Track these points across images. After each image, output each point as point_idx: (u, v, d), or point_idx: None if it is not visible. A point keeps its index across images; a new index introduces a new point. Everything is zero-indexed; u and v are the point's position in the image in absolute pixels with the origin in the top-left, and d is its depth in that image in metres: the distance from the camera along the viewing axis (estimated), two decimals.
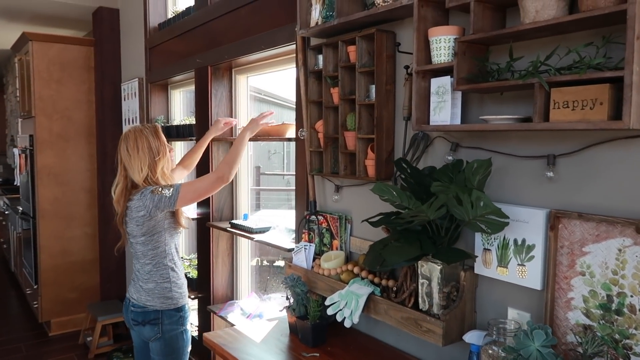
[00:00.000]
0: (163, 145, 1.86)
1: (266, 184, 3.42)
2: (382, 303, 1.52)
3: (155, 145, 1.84)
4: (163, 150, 1.85)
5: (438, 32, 1.34)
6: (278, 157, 3.43)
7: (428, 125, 1.40)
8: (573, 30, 1.16)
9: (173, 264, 1.90)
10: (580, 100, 1.08)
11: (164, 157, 1.86)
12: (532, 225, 1.27)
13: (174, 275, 1.90)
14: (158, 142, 1.85)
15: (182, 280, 1.94)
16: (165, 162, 1.86)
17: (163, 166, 1.85)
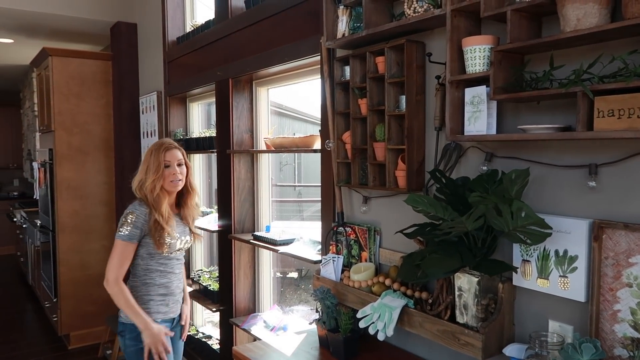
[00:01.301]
0: (157, 163, 1.90)
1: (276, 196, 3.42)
2: (417, 316, 1.49)
3: (151, 162, 1.91)
4: (155, 169, 1.89)
5: (473, 41, 1.33)
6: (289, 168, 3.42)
7: (463, 135, 1.38)
8: (615, 37, 1.15)
9: (149, 280, 1.94)
10: (626, 108, 1.06)
11: (155, 175, 1.89)
12: (575, 236, 1.24)
13: (141, 290, 1.93)
14: (153, 159, 1.91)
15: (150, 297, 1.94)
16: (158, 180, 1.89)
17: (154, 183, 1.88)
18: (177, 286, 2.02)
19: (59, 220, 3.84)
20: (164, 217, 1.90)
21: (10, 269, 6.72)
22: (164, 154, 1.93)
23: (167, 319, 1.99)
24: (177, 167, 1.95)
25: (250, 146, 2.63)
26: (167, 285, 1.97)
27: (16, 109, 7.53)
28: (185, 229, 2.02)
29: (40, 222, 4.54)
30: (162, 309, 1.97)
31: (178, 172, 1.94)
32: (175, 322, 2.05)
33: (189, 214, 2.04)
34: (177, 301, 2.04)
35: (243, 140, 2.61)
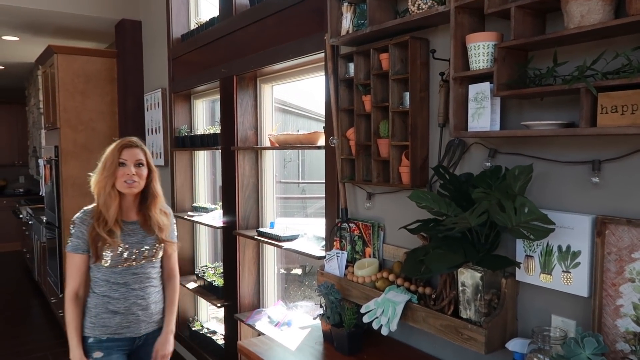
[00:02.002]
0: (111, 160, 1.76)
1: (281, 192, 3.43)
2: (420, 311, 1.51)
3: (107, 158, 1.78)
4: (108, 166, 1.75)
5: (477, 38, 1.34)
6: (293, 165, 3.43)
7: (466, 131, 1.39)
8: (619, 34, 1.15)
9: (97, 291, 1.80)
10: (630, 104, 1.06)
11: (107, 172, 1.75)
12: (578, 232, 1.25)
13: (90, 302, 1.81)
14: (109, 155, 1.78)
15: (98, 310, 1.79)
16: (109, 179, 1.75)
17: (105, 181, 1.75)
18: (138, 303, 1.81)
19: (65, 216, 3.87)
20: (107, 224, 1.74)
21: (17, 265, 6.79)
22: (121, 151, 1.78)
23: (120, 337, 1.80)
24: (135, 167, 1.78)
25: (254, 143, 2.64)
26: (119, 300, 1.79)
27: (21, 106, 7.58)
28: (146, 238, 1.83)
29: (46, 219, 4.58)
30: (109, 323, 1.79)
31: (133, 173, 1.76)
32: (139, 342, 1.86)
33: (152, 222, 1.83)
34: (141, 320, 1.83)
35: (247, 136, 2.62)
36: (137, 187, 1.80)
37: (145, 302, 1.84)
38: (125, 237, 1.80)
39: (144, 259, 1.83)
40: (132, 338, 1.83)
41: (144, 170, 1.82)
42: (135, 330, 1.83)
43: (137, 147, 1.83)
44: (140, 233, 1.83)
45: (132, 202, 1.84)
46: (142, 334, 1.85)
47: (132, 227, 1.83)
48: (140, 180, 1.79)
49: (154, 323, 1.89)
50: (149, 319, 1.86)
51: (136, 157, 1.80)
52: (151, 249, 1.85)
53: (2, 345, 3.95)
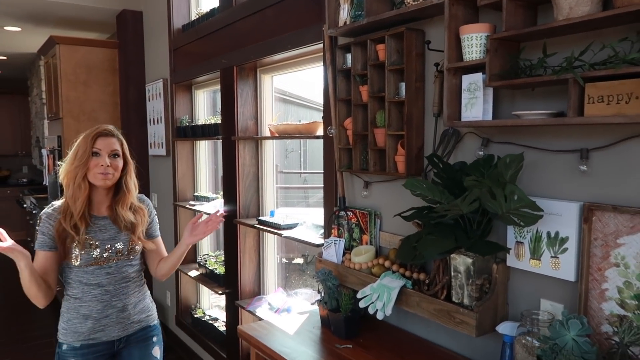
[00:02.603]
0: (84, 149, 1.63)
1: (283, 182, 3.47)
2: (414, 296, 1.55)
3: (79, 147, 1.65)
4: (80, 155, 1.63)
5: (470, 29, 1.36)
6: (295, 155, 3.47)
7: (459, 121, 1.43)
8: (606, 26, 1.18)
9: (70, 294, 1.69)
10: (615, 94, 1.10)
11: (78, 162, 1.62)
12: (566, 218, 1.29)
13: (65, 306, 1.71)
14: (81, 144, 1.66)
15: (69, 315, 1.68)
16: (80, 169, 1.62)
17: (76, 172, 1.62)
18: (113, 305, 1.69)
19: None
20: (72, 218, 1.61)
21: None
22: (95, 139, 1.64)
23: (95, 342, 1.68)
24: (110, 158, 1.65)
25: (254, 133, 2.68)
26: (92, 302, 1.67)
27: (24, 96, 7.62)
28: (119, 235, 1.71)
29: None
30: (81, 329, 1.66)
31: (108, 164, 1.63)
32: (120, 345, 1.75)
33: (122, 218, 1.70)
34: (117, 322, 1.71)
35: (248, 127, 2.66)
36: (111, 179, 1.66)
37: (121, 304, 1.71)
38: (96, 234, 1.67)
39: (118, 257, 1.71)
40: (110, 342, 1.71)
41: (120, 161, 1.69)
42: (111, 333, 1.70)
43: (113, 136, 1.70)
44: (112, 229, 1.70)
45: (104, 196, 1.71)
46: (121, 336, 1.73)
47: (103, 223, 1.70)
48: (115, 172, 1.67)
49: (134, 324, 1.76)
50: (127, 320, 1.74)
51: (111, 147, 1.66)
52: (125, 247, 1.72)
53: (9, 332, 4.04)
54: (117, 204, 1.72)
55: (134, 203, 1.78)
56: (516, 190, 1.25)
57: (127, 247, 1.73)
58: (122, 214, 1.71)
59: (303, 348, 1.65)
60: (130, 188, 1.75)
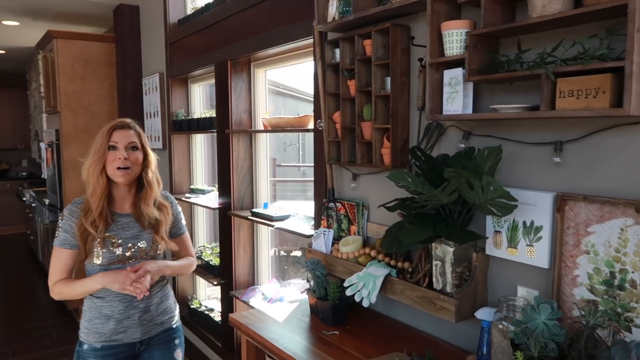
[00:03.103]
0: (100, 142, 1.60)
1: (282, 176, 3.52)
2: (398, 283, 1.61)
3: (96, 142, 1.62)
4: (97, 149, 1.59)
5: (450, 26, 1.41)
6: (294, 148, 3.51)
7: (441, 114, 1.48)
8: (578, 23, 1.23)
9: (93, 293, 1.63)
10: (584, 89, 1.15)
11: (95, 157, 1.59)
12: (540, 208, 1.34)
13: (87, 304, 1.66)
14: (98, 138, 1.62)
15: (91, 314, 1.64)
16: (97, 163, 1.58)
17: (94, 167, 1.58)
18: (135, 306, 1.64)
19: (66, 198, 3.99)
20: (92, 214, 1.56)
21: (21, 247, 6.96)
22: (111, 133, 1.60)
23: (116, 344, 1.64)
24: (128, 150, 1.60)
25: (248, 126, 2.73)
26: (114, 303, 1.62)
27: (23, 90, 7.66)
28: (142, 233, 1.66)
29: (48, 201, 4.71)
30: (102, 330, 1.62)
31: (125, 157, 1.58)
32: (141, 347, 1.70)
33: (146, 215, 1.65)
34: (139, 324, 1.66)
35: (242, 120, 2.71)
36: (131, 174, 1.61)
37: (143, 304, 1.66)
38: (119, 232, 1.62)
39: (141, 256, 1.65)
40: (132, 344, 1.67)
41: (138, 154, 1.63)
42: (133, 334, 1.65)
43: (130, 128, 1.65)
44: (135, 227, 1.65)
45: (126, 192, 1.66)
46: (143, 338, 1.68)
47: (126, 221, 1.65)
48: (133, 165, 1.61)
49: (156, 326, 1.71)
50: (150, 322, 1.68)
51: (129, 140, 1.61)
52: (149, 245, 1.66)
53: (9, 323, 4.11)
54: (140, 200, 1.66)
55: (158, 199, 1.71)
56: (492, 181, 1.30)
57: (150, 246, 1.67)
58: (146, 211, 1.65)
59: (291, 335, 1.71)
60: (153, 183, 1.68)
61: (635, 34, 1.04)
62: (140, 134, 1.68)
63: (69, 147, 3.98)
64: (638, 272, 1.17)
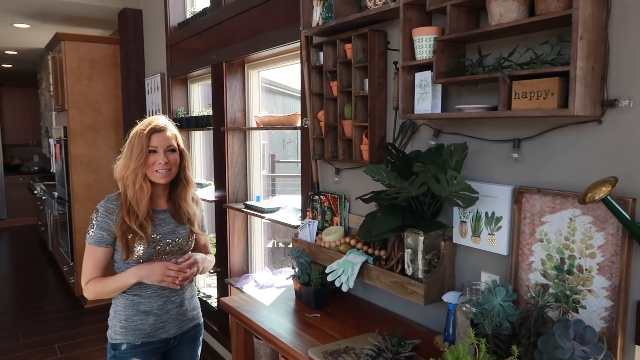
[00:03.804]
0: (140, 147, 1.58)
1: (281, 171, 3.65)
2: (374, 270, 1.74)
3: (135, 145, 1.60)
4: (137, 154, 1.58)
5: (420, 32, 1.53)
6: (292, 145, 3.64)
7: (413, 114, 1.59)
8: (534, 30, 1.33)
9: (127, 290, 1.63)
10: (536, 91, 1.26)
11: (137, 163, 1.58)
12: (500, 200, 1.46)
13: (119, 304, 1.65)
14: (137, 142, 1.60)
15: (128, 313, 1.63)
16: (140, 169, 1.58)
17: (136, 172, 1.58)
18: (172, 300, 1.68)
19: (74, 191, 4.17)
20: (138, 218, 1.58)
21: (33, 238, 7.23)
22: (150, 136, 1.60)
23: (154, 340, 1.66)
24: (167, 153, 1.61)
25: (242, 124, 2.87)
26: (152, 298, 1.64)
27: (34, 89, 7.88)
28: (177, 229, 1.69)
29: (57, 194, 4.90)
30: (143, 326, 1.63)
31: (166, 161, 1.60)
32: (174, 343, 1.74)
33: (183, 212, 1.69)
34: (176, 319, 1.70)
35: (236, 118, 2.84)
36: (171, 175, 1.64)
37: (179, 299, 1.70)
38: (157, 228, 1.64)
39: (177, 251, 1.68)
40: (167, 339, 1.70)
41: (177, 156, 1.65)
42: (170, 330, 1.69)
43: (168, 130, 1.64)
44: (171, 222, 1.68)
45: (162, 190, 1.68)
46: (177, 333, 1.72)
47: (163, 217, 1.67)
48: (173, 167, 1.63)
49: (188, 321, 1.75)
50: (184, 316, 1.73)
51: (168, 143, 1.62)
52: (185, 240, 1.70)
53: (20, 309, 4.32)
54: (179, 197, 1.69)
55: (195, 194, 1.78)
56: (456, 175, 1.42)
57: (186, 240, 1.70)
58: (186, 208, 1.69)
59: (276, 317, 1.85)
60: (190, 180, 1.72)
61: (579, 41, 1.15)
62: (176, 135, 1.69)
63: (76, 143, 4.15)
64: (584, 258, 1.28)
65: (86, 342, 3.62)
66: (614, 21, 1.18)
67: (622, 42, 1.17)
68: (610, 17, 1.19)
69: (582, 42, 1.15)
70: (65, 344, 3.58)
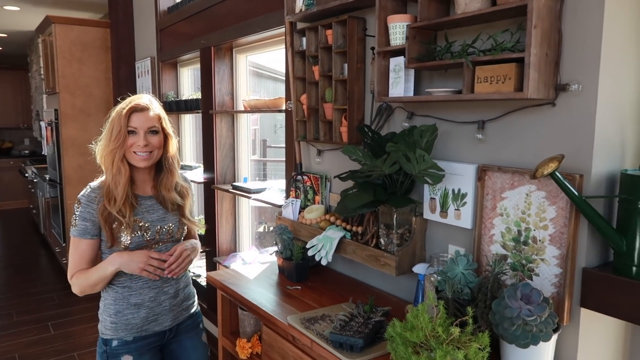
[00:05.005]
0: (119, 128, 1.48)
1: (273, 156, 3.73)
2: (351, 244, 1.85)
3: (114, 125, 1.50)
4: (116, 135, 1.48)
5: (394, 19, 1.62)
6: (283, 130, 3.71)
7: (387, 97, 1.69)
8: (496, 19, 1.43)
9: (116, 283, 1.56)
10: (495, 76, 1.36)
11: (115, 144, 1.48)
12: (465, 178, 1.57)
13: (110, 297, 1.56)
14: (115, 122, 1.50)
15: (118, 307, 1.54)
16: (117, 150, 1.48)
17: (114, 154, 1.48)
18: (165, 291, 1.60)
19: (66, 174, 4.24)
20: (116, 202, 1.47)
21: (25, 220, 7.31)
22: (129, 116, 1.49)
23: (148, 334, 1.58)
24: (147, 135, 1.51)
25: (230, 107, 2.95)
26: (143, 290, 1.56)
27: (25, 72, 7.87)
28: (167, 215, 1.60)
29: (49, 177, 4.96)
30: (134, 320, 1.55)
31: (145, 144, 1.49)
32: (170, 335, 1.66)
33: (168, 198, 1.60)
34: (170, 310, 1.62)
35: (224, 102, 2.93)
36: (152, 158, 1.53)
37: (172, 289, 1.61)
38: (144, 215, 1.55)
39: (168, 239, 1.60)
40: (162, 332, 1.62)
41: (159, 138, 1.54)
42: (164, 322, 1.61)
43: (150, 110, 1.53)
44: (160, 209, 1.59)
45: (147, 175, 1.59)
46: (172, 325, 1.64)
47: (150, 203, 1.58)
48: (155, 150, 1.53)
49: (183, 311, 1.68)
50: (178, 307, 1.65)
51: (149, 124, 1.51)
52: (176, 227, 1.61)
53: (14, 288, 4.43)
54: (160, 185, 1.59)
55: (179, 183, 1.66)
56: (424, 154, 1.53)
57: (177, 227, 1.62)
58: (167, 197, 1.59)
59: (260, 289, 1.96)
60: (173, 168, 1.61)
61: (533, 30, 1.25)
62: (160, 115, 1.57)
63: (67, 126, 4.21)
64: (538, 230, 1.40)
65: (79, 319, 3.73)
66: (567, 11, 1.28)
67: (574, 31, 1.27)
68: (563, 7, 1.29)
69: (536, 31, 1.25)
70: (58, 322, 3.69)
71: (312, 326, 1.58)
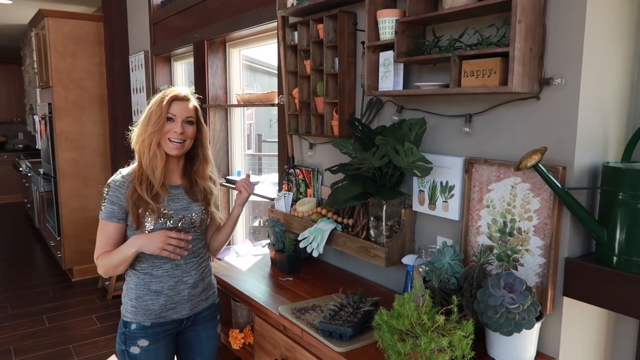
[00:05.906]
0: (159, 114, 1.53)
1: (268, 151, 3.75)
2: (342, 236, 1.88)
3: (153, 111, 1.54)
4: (155, 120, 1.52)
5: (384, 14, 1.64)
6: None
7: (377, 91, 1.72)
8: (482, 14, 1.45)
9: (138, 269, 1.61)
10: (481, 70, 1.39)
11: (154, 128, 1.52)
12: (453, 170, 1.60)
13: (132, 281, 1.62)
14: (155, 108, 1.55)
15: (139, 292, 1.60)
16: (155, 135, 1.53)
17: (151, 138, 1.52)
18: (184, 281, 1.62)
19: (60, 168, 4.24)
20: (154, 187, 1.53)
21: (19, 215, 7.31)
22: (170, 104, 1.54)
23: (165, 321, 1.62)
24: (184, 124, 1.56)
25: (223, 101, 2.96)
26: (163, 278, 1.60)
27: (18, 65, 7.82)
28: (191, 205, 1.63)
29: (43, 171, 4.96)
30: (153, 306, 1.59)
31: (181, 131, 1.54)
32: (187, 323, 1.69)
33: (198, 189, 1.64)
34: (188, 300, 1.64)
35: (217, 96, 2.94)
36: (184, 148, 1.57)
37: (192, 280, 1.64)
38: (169, 203, 1.58)
39: (191, 227, 1.62)
40: (179, 320, 1.65)
41: (193, 129, 1.59)
42: (182, 311, 1.63)
43: (189, 100, 1.60)
44: (184, 199, 1.62)
45: (175, 164, 1.62)
46: (190, 314, 1.67)
47: (176, 192, 1.62)
48: (188, 140, 1.58)
49: (202, 302, 1.69)
50: (197, 297, 1.67)
51: (187, 114, 1.56)
52: (199, 218, 1.64)
53: (9, 282, 4.44)
54: (196, 174, 1.64)
55: (213, 173, 1.72)
56: (412, 147, 1.56)
57: (200, 218, 1.64)
58: (203, 185, 1.64)
59: (252, 281, 1.99)
60: (208, 157, 1.67)
61: (517, 25, 1.27)
62: (197, 108, 1.64)
63: (61, 120, 4.21)
64: (523, 221, 1.43)
65: (73, 312, 3.75)
66: (551, 6, 1.31)
67: (557, 26, 1.30)
68: (547, 3, 1.31)
69: (520, 26, 1.27)
70: (53, 315, 3.71)
71: (302, 316, 1.61)
